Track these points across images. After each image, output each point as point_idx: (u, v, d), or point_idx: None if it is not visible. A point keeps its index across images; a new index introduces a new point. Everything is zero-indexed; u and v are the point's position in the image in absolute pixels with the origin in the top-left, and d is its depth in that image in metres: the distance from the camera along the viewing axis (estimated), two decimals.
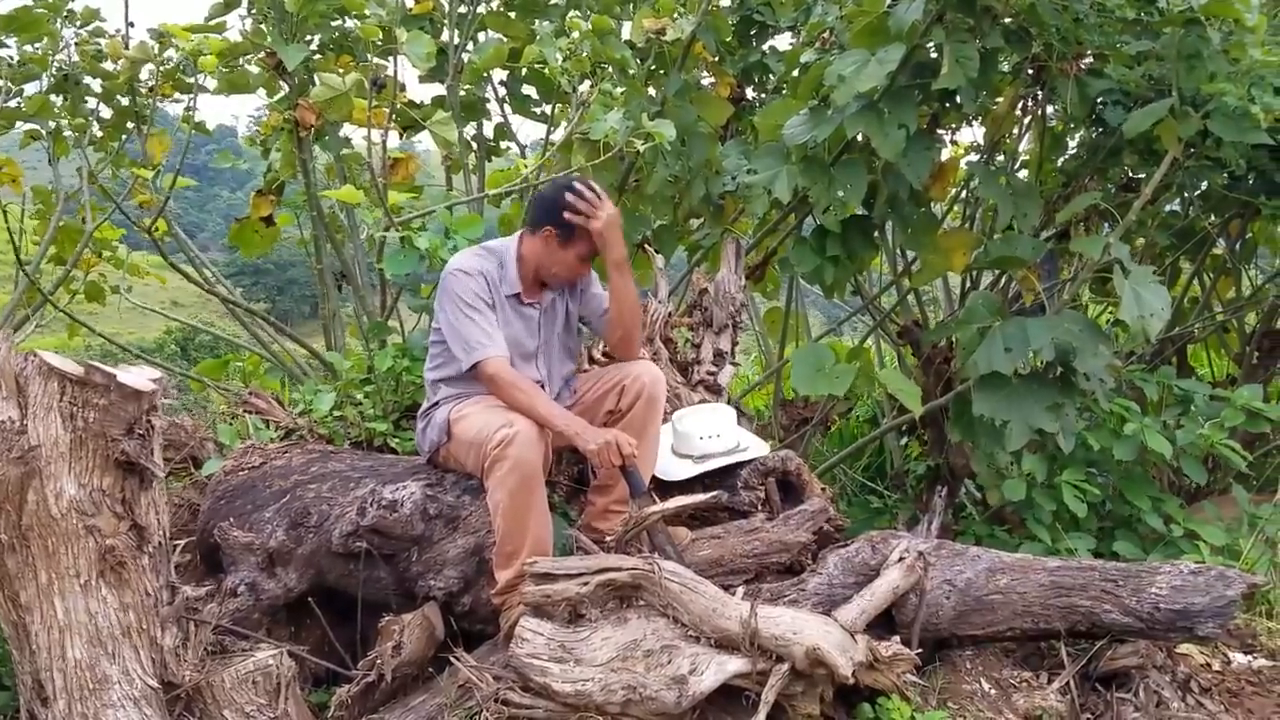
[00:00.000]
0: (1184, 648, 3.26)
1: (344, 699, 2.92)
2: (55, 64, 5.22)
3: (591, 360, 4.01)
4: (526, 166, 4.59)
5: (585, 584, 2.78)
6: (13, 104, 5.27)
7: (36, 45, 5.15)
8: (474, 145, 5.62)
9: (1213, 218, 5.17)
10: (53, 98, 5.28)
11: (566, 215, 3.15)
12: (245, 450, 3.57)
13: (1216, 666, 3.29)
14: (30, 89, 5.32)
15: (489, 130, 5.78)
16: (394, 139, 4.78)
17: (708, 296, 4.36)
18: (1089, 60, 4.15)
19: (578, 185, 3.18)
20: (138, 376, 2.60)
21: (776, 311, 6.42)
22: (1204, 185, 4.79)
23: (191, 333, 17.19)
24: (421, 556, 3.22)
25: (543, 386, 3.29)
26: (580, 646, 2.73)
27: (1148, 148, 4.27)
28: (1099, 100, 4.25)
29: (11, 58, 5.19)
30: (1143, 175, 4.63)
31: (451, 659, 2.92)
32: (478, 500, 3.21)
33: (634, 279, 3.36)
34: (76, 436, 2.52)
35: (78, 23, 5.16)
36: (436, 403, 3.28)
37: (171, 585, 2.74)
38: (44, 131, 5.40)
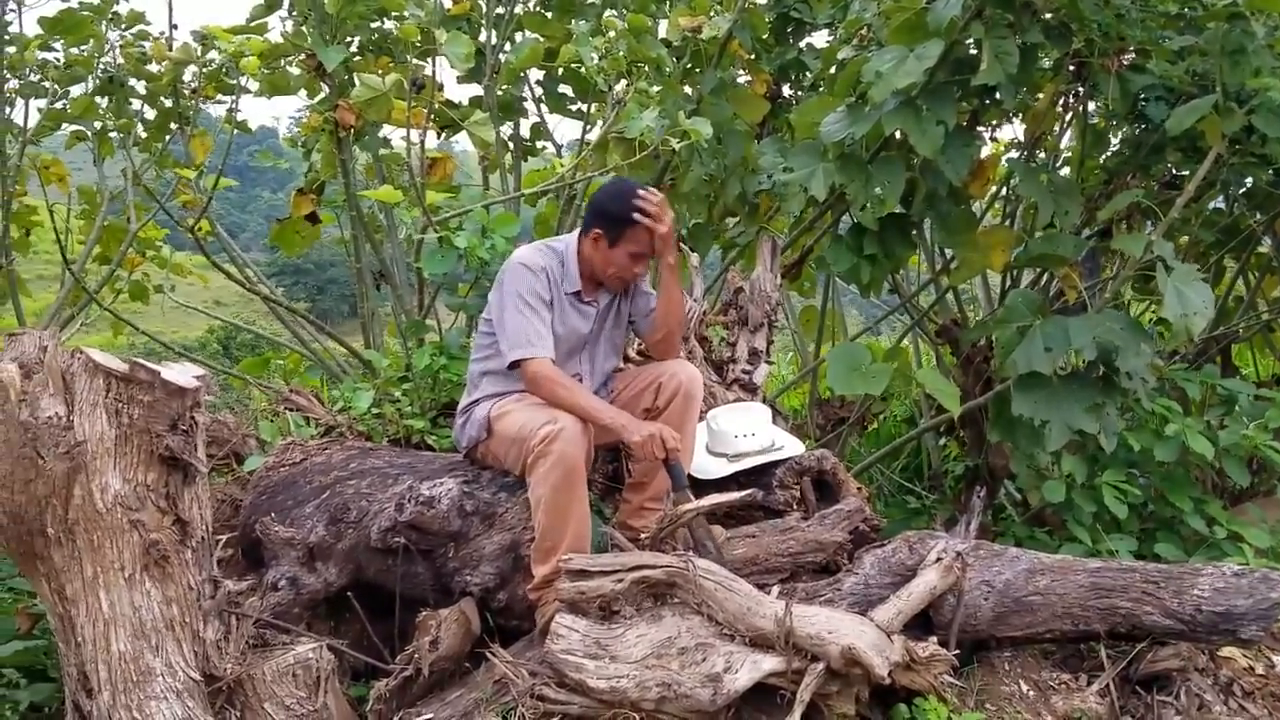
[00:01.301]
0: (1226, 651, 3.22)
1: (382, 692, 2.95)
2: (100, 66, 5.32)
3: (626, 359, 4.02)
4: (563, 166, 4.61)
5: (620, 581, 2.79)
6: (59, 105, 5.38)
7: (82, 48, 5.25)
8: (510, 145, 5.64)
9: (1258, 215, 5.09)
10: (98, 99, 5.38)
11: (635, 215, 3.15)
12: (286, 447, 3.62)
13: (1260, 670, 3.23)
14: (75, 91, 5.43)
15: (525, 130, 5.81)
16: (431, 139, 4.82)
17: (743, 295, 4.36)
18: (1131, 56, 4.10)
19: (641, 189, 3.19)
20: (181, 374, 2.64)
21: (812, 310, 6.40)
22: (1248, 182, 4.72)
23: (233, 332, 17.41)
24: (458, 552, 3.24)
25: (580, 380, 3.31)
26: (615, 643, 2.74)
27: (1191, 144, 4.21)
28: (1141, 96, 4.19)
29: (58, 60, 5.29)
30: (1186, 172, 4.57)
31: (488, 654, 2.95)
32: (514, 497, 3.24)
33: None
34: (122, 432, 2.56)
35: (122, 25, 5.25)
36: (477, 399, 3.30)
37: (214, 579, 2.78)
38: (89, 133, 5.50)
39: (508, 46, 5.20)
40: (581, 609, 2.82)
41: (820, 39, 5.57)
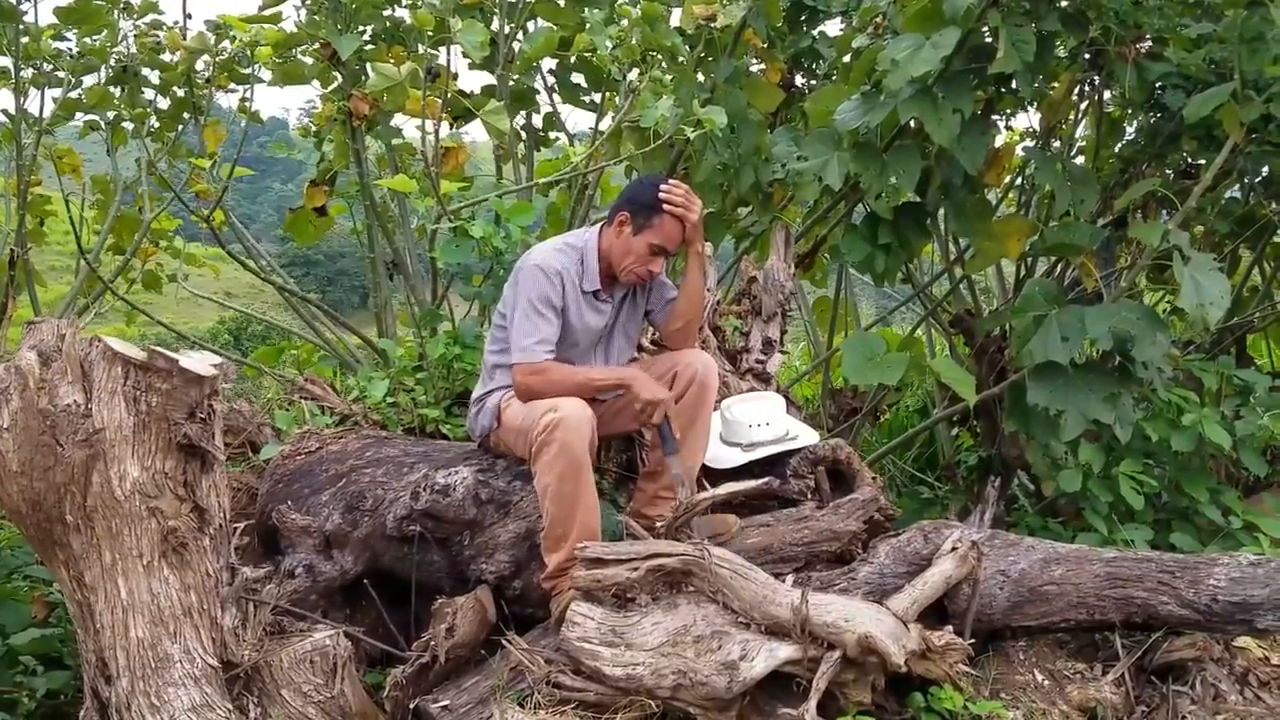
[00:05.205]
0: (1242, 641, 3.20)
1: (399, 679, 2.96)
2: (114, 56, 5.32)
3: (640, 349, 4.01)
4: (576, 155, 4.60)
5: (635, 569, 2.79)
6: (74, 95, 5.38)
7: (96, 37, 5.26)
8: (522, 135, 5.63)
9: (1274, 204, 5.06)
10: (111, 89, 5.38)
11: (664, 207, 3.18)
12: (302, 435, 3.63)
13: (1275, 660, 3.22)
14: (89, 80, 5.44)
15: (537, 119, 5.79)
16: (443, 129, 4.82)
17: (756, 285, 4.34)
18: (1148, 44, 4.08)
19: (672, 181, 3.24)
20: (199, 362, 2.65)
21: (826, 301, 6.38)
22: (1265, 171, 4.69)
23: (244, 323, 17.40)
24: (474, 540, 3.25)
25: None
26: (631, 631, 2.74)
27: (1208, 133, 4.19)
28: (1158, 85, 4.17)
29: (72, 50, 5.30)
30: (1202, 161, 4.54)
31: (503, 642, 2.95)
32: (528, 485, 3.24)
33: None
34: (140, 420, 2.57)
35: (136, 15, 5.26)
36: (490, 390, 3.31)
37: (231, 566, 2.80)
38: (102, 122, 5.51)
39: (521, 35, 5.19)
40: (596, 597, 2.83)
41: (834, 27, 5.55)
